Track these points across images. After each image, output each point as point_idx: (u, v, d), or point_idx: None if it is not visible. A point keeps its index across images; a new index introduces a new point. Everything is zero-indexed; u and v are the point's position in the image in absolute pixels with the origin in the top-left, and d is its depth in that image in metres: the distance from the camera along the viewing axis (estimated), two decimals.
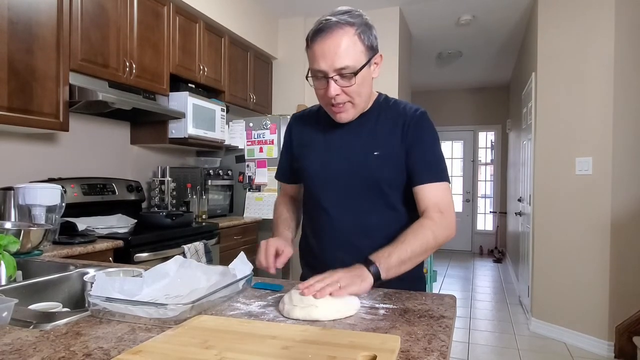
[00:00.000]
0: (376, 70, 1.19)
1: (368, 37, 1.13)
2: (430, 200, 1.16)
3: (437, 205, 1.15)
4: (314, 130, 1.31)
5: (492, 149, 7.78)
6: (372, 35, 1.14)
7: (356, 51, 1.10)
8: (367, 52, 1.13)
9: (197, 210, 3.27)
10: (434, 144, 1.21)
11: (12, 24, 1.98)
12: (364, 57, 1.12)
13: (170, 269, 1.14)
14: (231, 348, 0.73)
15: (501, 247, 7.25)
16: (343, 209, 1.23)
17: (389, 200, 1.22)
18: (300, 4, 4.19)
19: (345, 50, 1.09)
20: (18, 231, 1.57)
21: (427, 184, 1.17)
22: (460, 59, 5.85)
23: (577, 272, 3.32)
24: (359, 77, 1.11)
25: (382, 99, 1.29)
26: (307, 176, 1.30)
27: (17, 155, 2.38)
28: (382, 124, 1.23)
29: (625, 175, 3.09)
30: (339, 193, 1.23)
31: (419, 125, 1.20)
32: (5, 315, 0.85)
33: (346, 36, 1.09)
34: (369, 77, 1.17)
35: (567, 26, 3.41)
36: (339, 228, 1.24)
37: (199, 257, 2.67)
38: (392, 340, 0.76)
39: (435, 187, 1.17)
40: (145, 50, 2.79)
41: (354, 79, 1.11)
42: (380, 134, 1.22)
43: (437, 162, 1.20)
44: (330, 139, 1.26)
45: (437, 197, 1.16)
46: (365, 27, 1.12)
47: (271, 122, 3.70)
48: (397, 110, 1.24)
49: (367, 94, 1.20)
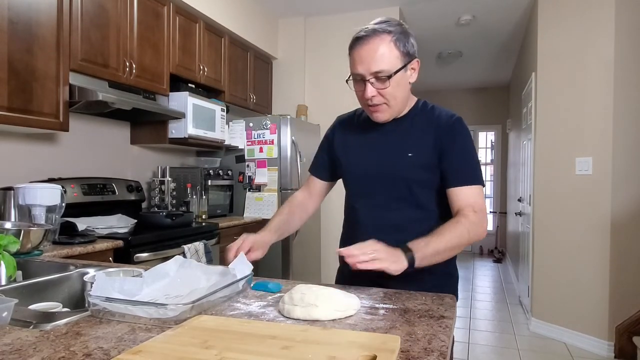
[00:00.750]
0: (413, 75, 1.27)
1: (404, 44, 1.21)
2: (464, 201, 1.22)
3: (472, 206, 1.21)
4: (354, 132, 1.39)
5: (492, 149, 7.78)
6: (408, 43, 1.22)
7: (391, 56, 1.19)
8: (402, 58, 1.21)
9: (197, 210, 3.27)
10: (467, 148, 1.26)
11: (12, 24, 1.98)
12: (399, 62, 1.20)
13: (170, 269, 1.14)
14: (231, 348, 0.73)
15: (501, 247, 7.25)
16: (376, 208, 1.31)
17: (420, 200, 1.27)
18: (300, 4, 4.19)
19: (381, 55, 1.18)
20: (18, 231, 1.57)
21: (460, 187, 1.23)
22: (460, 59, 5.85)
23: (577, 272, 3.32)
24: (394, 80, 1.19)
25: (421, 103, 1.35)
26: (346, 175, 1.40)
27: (17, 155, 2.38)
28: (417, 128, 1.29)
29: (625, 175, 3.09)
30: (374, 192, 1.31)
31: (452, 130, 1.26)
32: (5, 315, 0.85)
33: (383, 43, 1.18)
34: (404, 81, 1.24)
35: (567, 26, 3.41)
36: (372, 225, 1.30)
37: (199, 257, 2.67)
38: (392, 340, 0.76)
39: (469, 190, 1.23)
40: (145, 50, 2.79)
41: (389, 82, 1.19)
42: (414, 137, 1.28)
43: (470, 166, 1.25)
44: (369, 140, 1.34)
45: (471, 198, 1.22)
46: (401, 35, 1.21)
47: (271, 122, 3.70)
48: (433, 115, 1.30)
49: (402, 97, 1.26)
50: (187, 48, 3.20)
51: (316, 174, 1.51)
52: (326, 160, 1.47)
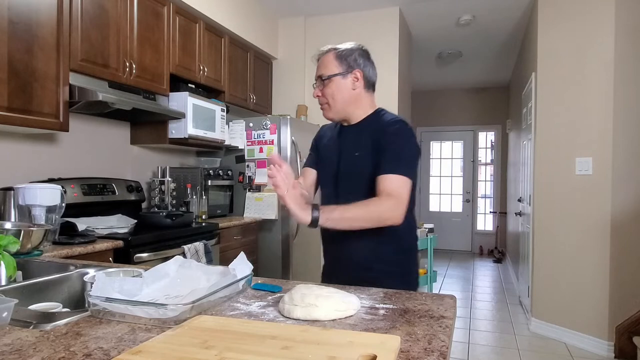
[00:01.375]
0: (356, 83, 1.46)
1: (346, 58, 1.45)
2: (384, 187, 1.34)
3: (388, 191, 1.33)
4: (328, 137, 1.63)
5: (492, 149, 7.78)
6: (350, 57, 1.46)
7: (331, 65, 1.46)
8: (340, 67, 1.45)
9: (197, 210, 3.27)
10: (398, 144, 1.39)
11: (12, 24, 1.98)
12: (337, 70, 1.45)
13: (170, 269, 1.14)
14: (231, 348, 0.73)
15: (501, 247, 7.25)
16: (331, 198, 1.50)
17: (365, 192, 1.39)
18: (300, 4, 4.20)
19: (321, 63, 1.49)
20: (18, 231, 1.57)
21: (384, 175, 1.35)
22: (460, 59, 5.85)
23: (577, 272, 3.32)
24: (331, 82, 1.45)
25: (376, 112, 1.52)
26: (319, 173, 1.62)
27: (17, 156, 2.38)
28: (366, 131, 1.47)
29: (625, 175, 3.09)
30: (332, 185, 1.53)
31: (389, 129, 1.42)
32: (5, 316, 0.85)
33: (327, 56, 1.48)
34: (344, 87, 1.45)
35: (567, 26, 3.41)
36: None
37: (199, 257, 2.67)
38: (392, 340, 0.76)
39: (391, 177, 1.34)
40: (145, 50, 2.79)
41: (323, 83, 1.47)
42: (362, 139, 1.47)
43: (397, 159, 1.38)
44: (334, 142, 1.57)
45: (391, 185, 1.34)
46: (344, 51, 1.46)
47: (271, 122, 3.70)
48: (379, 119, 1.48)
49: (341, 99, 1.46)
50: (187, 48, 3.20)
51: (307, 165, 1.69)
52: (314, 157, 1.67)
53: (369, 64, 1.49)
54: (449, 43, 5.22)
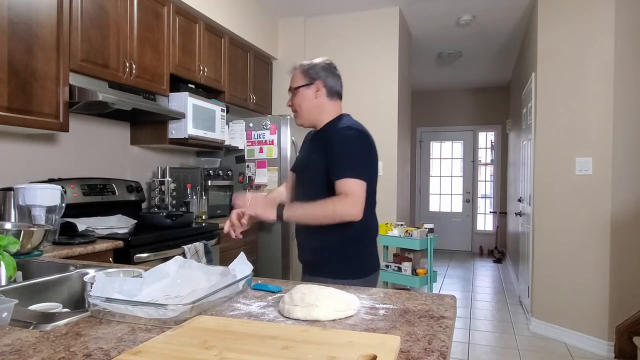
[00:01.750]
0: (318, 93, 1.66)
1: (308, 71, 1.68)
2: (340, 189, 1.51)
3: (345, 192, 1.49)
4: (306, 141, 1.83)
5: (492, 149, 7.78)
6: (313, 70, 1.67)
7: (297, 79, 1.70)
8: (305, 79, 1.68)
9: (197, 210, 3.27)
10: (343, 149, 1.55)
11: (12, 24, 1.98)
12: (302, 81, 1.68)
13: (170, 269, 1.14)
14: (231, 348, 0.73)
15: (501, 248, 7.25)
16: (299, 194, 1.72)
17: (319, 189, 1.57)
18: (300, 4, 4.20)
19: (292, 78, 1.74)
20: (18, 232, 1.57)
21: (337, 179, 1.51)
22: (460, 59, 5.85)
23: (577, 272, 3.32)
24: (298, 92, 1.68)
25: (337, 118, 1.69)
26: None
27: (17, 156, 2.38)
28: (324, 137, 1.64)
29: (625, 175, 3.09)
30: (299, 183, 1.75)
31: (336, 135, 1.59)
32: (5, 316, 0.85)
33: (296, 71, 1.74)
34: (308, 96, 1.66)
35: (567, 26, 3.41)
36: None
37: (199, 257, 2.67)
38: (392, 340, 0.76)
39: (343, 180, 1.51)
40: (145, 50, 2.79)
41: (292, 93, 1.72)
42: (320, 144, 1.63)
43: (343, 162, 1.54)
44: (305, 147, 1.80)
45: (344, 186, 1.50)
46: (308, 66, 1.69)
47: (271, 123, 3.70)
48: (335, 125, 1.64)
49: (307, 107, 1.67)
50: (187, 48, 3.21)
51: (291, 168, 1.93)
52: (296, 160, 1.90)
53: (332, 75, 1.68)
54: (449, 43, 5.22)
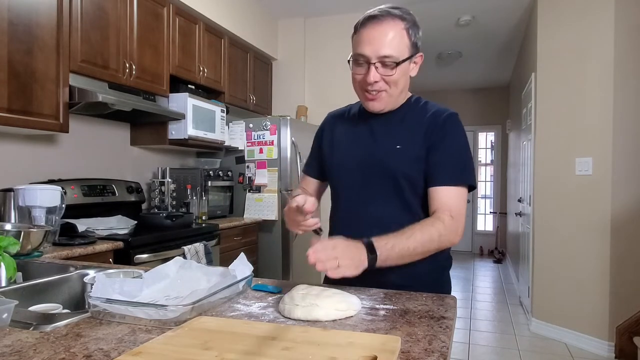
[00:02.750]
0: (415, 69, 1.23)
1: (415, 35, 1.17)
2: (443, 203, 1.15)
3: (449, 209, 1.14)
4: (345, 126, 1.34)
5: (492, 150, 7.78)
6: (418, 35, 1.19)
7: (402, 44, 1.14)
8: (411, 48, 1.17)
9: (197, 211, 3.27)
10: (456, 145, 1.20)
11: (12, 25, 1.98)
12: (407, 52, 1.16)
13: (170, 270, 1.14)
14: (231, 349, 0.73)
15: (501, 248, 7.25)
16: (360, 201, 1.26)
17: (404, 196, 1.21)
18: (300, 5, 4.20)
19: (391, 40, 1.13)
20: (18, 232, 1.57)
21: (441, 186, 1.16)
22: (460, 60, 5.85)
23: (578, 273, 3.31)
24: (399, 69, 1.14)
25: (414, 99, 1.30)
26: (330, 167, 1.34)
27: (17, 157, 2.38)
28: (407, 122, 1.24)
29: (625, 175, 3.09)
30: (359, 185, 1.26)
31: (442, 126, 1.20)
32: (5, 317, 0.85)
33: (396, 27, 1.14)
34: (407, 73, 1.20)
35: (567, 27, 3.41)
36: (355, 219, 1.25)
37: (199, 258, 2.67)
38: (392, 341, 0.76)
39: (450, 191, 1.16)
40: (145, 51, 2.79)
41: (395, 70, 1.14)
42: (403, 130, 1.23)
43: (457, 164, 1.18)
44: (357, 134, 1.29)
45: (451, 200, 1.15)
46: (414, 24, 1.17)
47: (271, 123, 3.70)
48: (425, 111, 1.25)
49: (402, 88, 1.21)
50: (187, 49, 3.21)
51: (307, 172, 1.46)
52: (316, 157, 1.42)
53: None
54: (449, 43, 5.22)
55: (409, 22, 1.15)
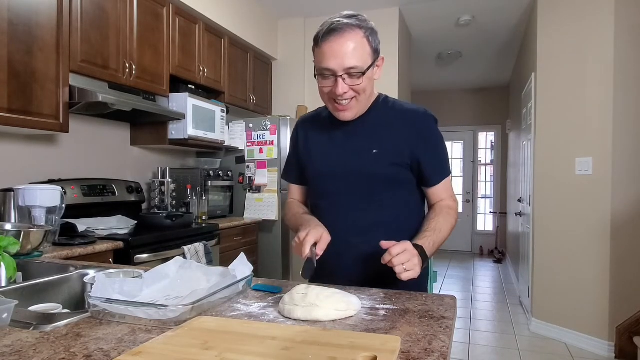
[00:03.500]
0: (377, 72, 1.24)
1: (374, 41, 1.19)
2: (445, 193, 1.31)
3: (450, 196, 1.32)
4: (318, 132, 1.36)
5: (492, 150, 7.78)
6: (377, 39, 1.21)
7: (364, 53, 1.16)
8: (372, 55, 1.19)
9: (197, 211, 3.27)
10: (440, 145, 1.31)
11: (12, 26, 1.98)
12: (370, 59, 1.18)
13: (170, 270, 1.14)
14: (231, 349, 0.73)
15: (501, 248, 7.25)
16: (341, 207, 1.28)
17: (383, 200, 1.26)
18: (300, 5, 4.20)
19: (354, 50, 1.14)
20: (18, 232, 1.57)
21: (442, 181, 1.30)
22: (460, 60, 5.85)
23: (578, 273, 3.31)
24: (365, 77, 1.17)
25: (382, 99, 1.33)
26: (311, 175, 1.36)
27: (17, 157, 2.38)
28: (382, 124, 1.26)
29: (625, 175, 3.09)
30: (339, 191, 1.28)
31: (427, 128, 1.28)
32: (5, 317, 0.85)
33: (356, 37, 1.15)
34: (372, 78, 1.22)
35: (567, 27, 3.41)
36: (337, 225, 1.24)
37: (199, 258, 2.67)
38: (392, 341, 0.76)
39: (445, 183, 1.31)
40: (145, 51, 2.79)
41: (362, 79, 1.16)
42: (379, 133, 1.25)
43: (444, 161, 1.31)
44: (333, 139, 1.31)
45: (448, 189, 1.32)
46: (371, 31, 1.19)
47: (271, 123, 3.70)
48: (401, 110, 1.29)
49: (369, 93, 1.24)
50: (187, 49, 3.21)
51: (290, 179, 1.48)
52: (293, 163, 1.44)
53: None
54: (449, 43, 5.22)
55: (367, 30, 1.17)
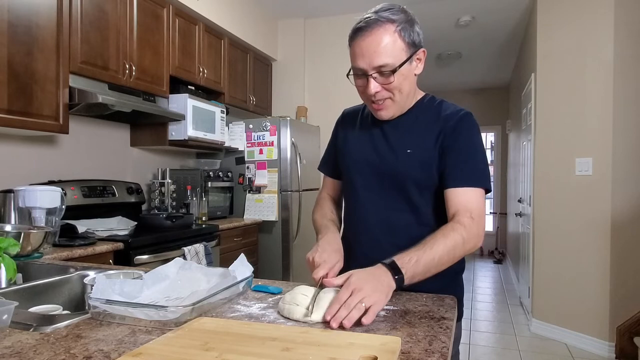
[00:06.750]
0: (419, 66, 1.17)
1: (409, 34, 1.11)
2: (462, 205, 1.10)
3: (469, 211, 1.09)
4: (357, 126, 1.31)
5: (492, 150, 7.78)
6: (414, 32, 1.12)
7: (395, 48, 1.09)
8: (408, 49, 1.11)
9: (197, 212, 3.27)
10: (471, 147, 1.16)
11: (12, 27, 1.98)
12: (404, 54, 1.10)
13: (170, 271, 1.14)
14: (231, 350, 0.73)
15: (501, 248, 7.25)
16: (372, 205, 1.23)
17: (415, 200, 1.18)
18: (300, 6, 4.20)
19: (384, 48, 1.08)
20: (18, 234, 1.57)
21: (459, 188, 1.12)
22: (459, 60, 5.85)
23: (578, 273, 3.31)
24: (399, 74, 1.10)
25: (427, 99, 1.27)
26: (345, 170, 1.32)
27: (17, 158, 2.38)
28: (420, 124, 1.20)
29: (625, 175, 3.09)
30: (371, 189, 1.23)
31: (457, 127, 1.16)
32: (5, 318, 0.85)
33: (386, 34, 1.08)
34: (410, 74, 1.15)
35: (567, 27, 3.42)
36: (367, 224, 1.24)
37: (199, 259, 2.67)
38: (392, 341, 0.76)
39: (468, 192, 1.12)
40: (145, 52, 2.79)
41: (393, 77, 1.10)
42: (415, 133, 1.19)
43: (473, 165, 1.14)
44: (369, 135, 1.26)
45: (470, 202, 1.10)
46: (406, 23, 1.11)
47: (271, 124, 3.70)
48: (439, 111, 1.21)
49: (408, 91, 1.17)
50: (187, 50, 3.21)
51: (326, 171, 1.44)
52: (331, 154, 1.40)
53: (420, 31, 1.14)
54: (449, 44, 5.22)
55: (400, 23, 1.09)
